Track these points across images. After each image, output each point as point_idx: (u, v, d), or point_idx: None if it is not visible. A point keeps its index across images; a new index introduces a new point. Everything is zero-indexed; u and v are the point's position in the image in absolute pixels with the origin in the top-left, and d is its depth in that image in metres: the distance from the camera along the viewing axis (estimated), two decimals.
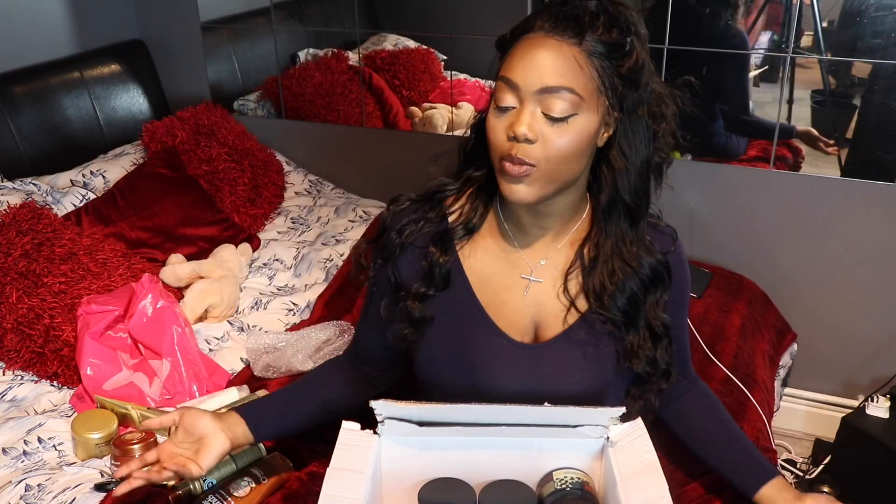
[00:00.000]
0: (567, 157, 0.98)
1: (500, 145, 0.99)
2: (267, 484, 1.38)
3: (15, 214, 1.84)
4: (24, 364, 1.72)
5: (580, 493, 0.91)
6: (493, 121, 1.00)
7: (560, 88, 0.95)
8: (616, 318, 1.08)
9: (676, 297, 1.15)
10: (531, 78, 0.96)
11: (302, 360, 1.76)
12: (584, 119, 0.97)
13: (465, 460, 0.94)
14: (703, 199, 2.24)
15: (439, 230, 1.12)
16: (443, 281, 1.11)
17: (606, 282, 1.07)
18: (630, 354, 1.08)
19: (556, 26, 0.97)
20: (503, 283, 1.12)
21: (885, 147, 2.01)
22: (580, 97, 0.96)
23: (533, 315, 1.11)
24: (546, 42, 0.96)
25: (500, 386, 1.08)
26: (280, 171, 2.60)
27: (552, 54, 0.96)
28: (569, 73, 0.95)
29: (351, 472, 0.87)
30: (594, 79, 0.97)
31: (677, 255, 1.15)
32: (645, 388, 1.11)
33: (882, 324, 2.15)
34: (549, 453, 0.95)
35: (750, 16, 2.10)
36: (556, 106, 0.96)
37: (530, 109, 0.97)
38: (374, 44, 2.59)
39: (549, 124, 0.97)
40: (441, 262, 1.10)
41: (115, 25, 2.61)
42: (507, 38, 1.02)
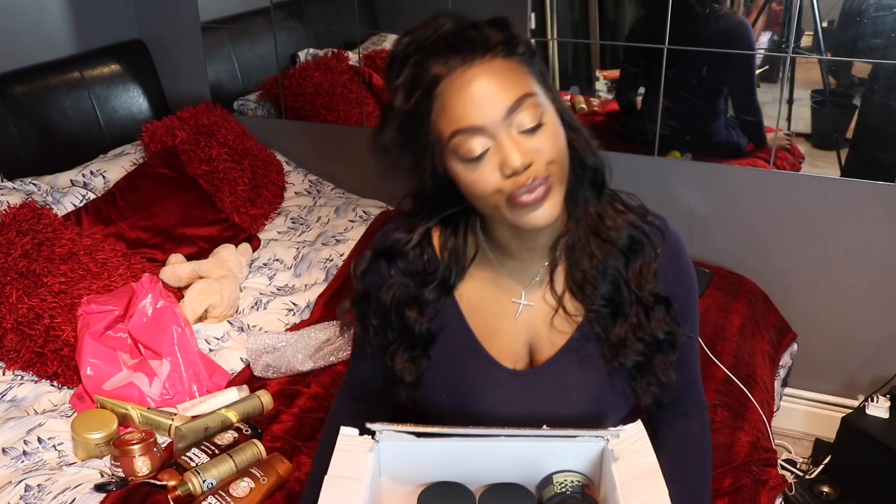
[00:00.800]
0: (562, 152, 0.95)
1: (499, 187, 0.93)
2: (267, 484, 1.39)
3: (15, 214, 1.84)
4: (24, 364, 1.72)
5: (580, 496, 0.91)
6: (473, 174, 0.93)
7: (521, 99, 0.91)
8: (602, 309, 1.04)
9: (679, 300, 1.07)
10: (490, 110, 0.90)
11: (302, 360, 1.77)
12: (549, 112, 0.95)
13: (464, 464, 0.94)
14: (703, 199, 2.24)
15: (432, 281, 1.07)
16: (427, 340, 1.08)
17: (588, 267, 1.03)
18: (618, 348, 1.03)
19: (462, 57, 0.91)
20: (493, 309, 1.09)
21: (885, 147, 2.01)
22: (535, 95, 0.93)
23: (526, 339, 1.08)
24: (470, 72, 0.91)
25: (496, 414, 1.06)
26: (280, 171, 2.60)
27: (488, 77, 0.91)
28: (513, 82, 0.92)
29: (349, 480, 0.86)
30: (529, 73, 0.95)
31: (671, 254, 1.07)
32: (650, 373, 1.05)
33: (882, 324, 2.15)
34: (548, 456, 0.94)
35: (750, 16, 2.10)
36: (527, 117, 0.91)
37: (507, 137, 0.91)
38: (374, 44, 2.59)
39: (530, 136, 0.92)
40: (420, 322, 1.06)
41: (115, 25, 2.61)
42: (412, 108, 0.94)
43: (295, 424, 1.60)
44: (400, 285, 1.07)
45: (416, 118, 0.94)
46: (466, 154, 0.92)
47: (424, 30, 0.94)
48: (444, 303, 1.08)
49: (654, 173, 2.25)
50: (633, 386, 1.07)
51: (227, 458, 1.43)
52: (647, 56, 2.16)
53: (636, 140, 2.26)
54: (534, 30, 2.27)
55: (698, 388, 1.19)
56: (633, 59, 2.24)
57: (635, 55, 2.22)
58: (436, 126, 0.94)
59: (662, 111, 2.18)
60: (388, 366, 1.11)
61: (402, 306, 1.07)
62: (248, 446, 1.47)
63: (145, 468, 1.44)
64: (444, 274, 1.08)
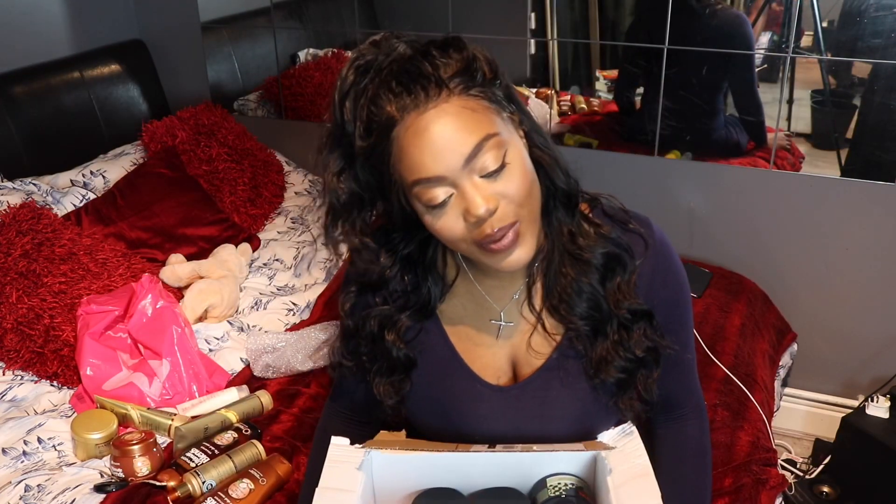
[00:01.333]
0: (530, 189, 0.91)
1: (466, 234, 0.90)
2: (266, 485, 1.39)
3: (15, 214, 1.84)
4: (24, 364, 1.72)
5: (575, 499, 0.90)
6: (438, 221, 0.90)
7: (480, 143, 0.86)
8: (581, 327, 1.02)
9: (668, 306, 1.05)
10: (448, 159, 0.86)
11: (302, 360, 1.77)
12: (514, 148, 0.90)
13: (457, 470, 0.93)
14: (703, 199, 2.24)
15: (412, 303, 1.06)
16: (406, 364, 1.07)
17: (563, 288, 1.01)
18: (599, 366, 1.01)
19: (413, 97, 0.86)
20: (474, 327, 1.07)
21: (885, 147, 2.01)
22: (497, 134, 0.88)
23: (509, 355, 1.07)
24: (425, 118, 0.86)
25: (481, 429, 1.05)
26: (280, 171, 2.60)
27: (444, 123, 0.86)
28: (471, 124, 0.86)
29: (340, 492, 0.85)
30: (489, 108, 0.89)
31: (657, 258, 1.04)
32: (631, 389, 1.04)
33: (882, 324, 2.15)
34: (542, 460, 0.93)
35: (750, 16, 2.10)
36: (489, 160, 0.87)
37: (469, 184, 0.87)
38: None
39: (493, 179, 0.88)
40: (399, 347, 1.05)
41: (115, 25, 2.61)
42: (366, 150, 0.91)
43: (295, 424, 1.60)
44: (380, 310, 1.06)
45: (376, 157, 0.91)
46: (428, 202, 0.89)
47: (377, 54, 0.90)
48: (426, 323, 1.07)
49: (654, 173, 2.25)
50: (616, 402, 1.05)
51: (226, 459, 1.43)
52: (646, 56, 2.16)
53: (636, 140, 2.26)
54: (534, 30, 2.27)
55: (696, 391, 1.17)
56: (632, 59, 2.24)
57: (634, 55, 2.22)
58: (396, 169, 0.90)
59: (662, 111, 2.18)
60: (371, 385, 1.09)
61: (381, 330, 1.06)
62: (247, 447, 1.47)
63: (145, 468, 1.44)
64: (425, 297, 1.06)
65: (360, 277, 1.07)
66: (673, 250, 1.07)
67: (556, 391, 1.04)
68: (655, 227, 1.06)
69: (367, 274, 1.05)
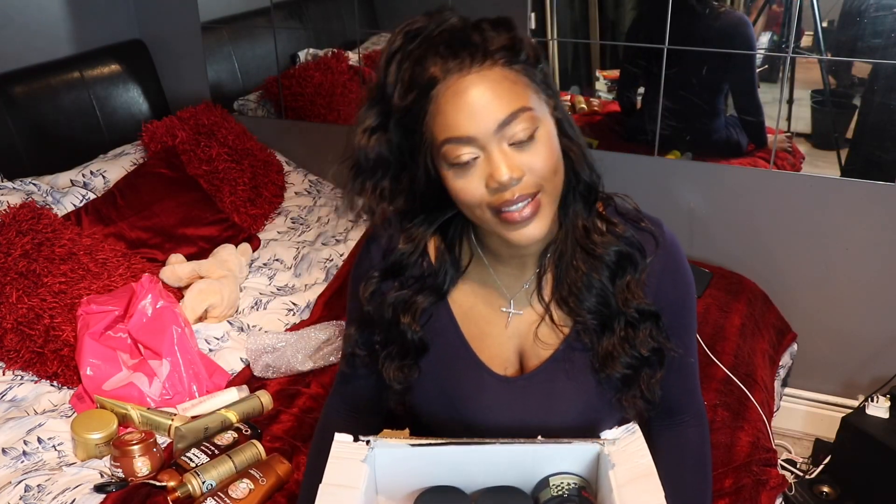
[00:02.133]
0: (555, 168, 0.93)
1: (486, 200, 0.92)
2: (266, 485, 1.39)
3: (15, 214, 1.84)
4: (24, 364, 1.72)
5: (578, 498, 0.90)
6: (460, 182, 0.92)
7: (515, 113, 0.89)
8: (588, 321, 1.02)
9: (674, 307, 1.06)
10: (482, 122, 0.88)
11: (302, 360, 1.77)
12: (544, 127, 0.92)
13: (459, 468, 0.93)
14: (703, 199, 2.24)
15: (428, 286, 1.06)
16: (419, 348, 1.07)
17: (573, 281, 1.02)
18: (605, 361, 1.02)
19: (459, 61, 0.89)
20: (484, 315, 1.08)
21: (885, 147, 2.01)
22: (531, 109, 0.90)
23: (517, 346, 1.08)
24: (466, 80, 0.89)
25: (486, 420, 1.05)
26: (280, 171, 2.60)
27: (484, 88, 0.89)
28: (509, 94, 0.89)
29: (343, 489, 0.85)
30: (528, 84, 0.92)
31: (667, 259, 1.05)
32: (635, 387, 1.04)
33: (882, 324, 2.15)
34: (544, 460, 0.93)
35: (750, 16, 2.10)
36: (519, 131, 0.89)
37: (497, 150, 0.89)
38: (374, 44, 2.59)
39: (521, 150, 0.90)
40: (414, 330, 1.06)
41: (115, 25, 2.61)
42: (407, 107, 0.92)
43: (295, 424, 1.60)
44: (397, 295, 1.07)
45: (411, 117, 0.93)
46: (455, 160, 0.91)
47: (428, 23, 0.92)
48: (437, 309, 1.08)
49: (654, 173, 2.25)
50: (619, 398, 1.05)
51: (226, 459, 1.43)
52: (646, 56, 2.16)
53: (636, 140, 2.26)
54: (534, 29, 2.27)
55: (697, 396, 1.17)
56: (633, 59, 2.24)
57: (634, 55, 2.22)
58: (429, 128, 0.92)
59: (662, 111, 2.18)
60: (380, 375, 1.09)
61: (397, 313, 1.06)
62: (247, 447, 1.47)
63: (145, 468, 1.44)
64: (440, 279, 1.07)
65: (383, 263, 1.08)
66: (683, 253, 1.08)
67: (561, 383, 1.05)
68: (666, 228, 1.07)
69: (389, 256, 1.06)
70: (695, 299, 1.11)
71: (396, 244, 1.06)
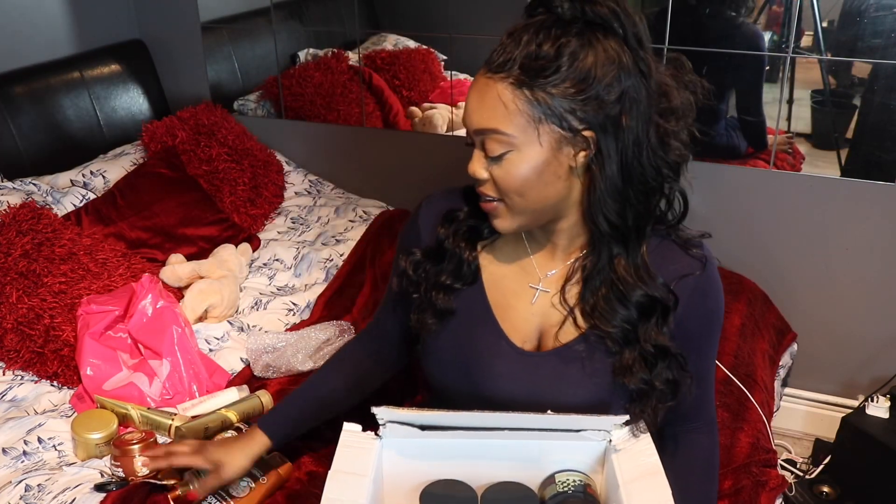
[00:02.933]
0: (519, 190, 0.97)
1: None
2: (266, 484, 1.38)
3: (15, 214, 1.84)
4: (24, 364, 1.72)
5: (582, 495, 0.91)
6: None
7: (486, 131, 0.96)
8: (613, 334, 1.04)
9: (699, 330, 1.08)
10: (467, 121, 0.99)
11: (302, 360, 1.77)
12: (521, 155, 0.95)
13: (466, 463, 0.94)
14: (703, 199, 2.24)
15: (469, 225, 1.13)
16: (472, 275, 1.12)
17: (600, 300, 1.04)
18: (624, 371, 1.03)
19: (489, 61, 0.97)
20: (513, 287, 1.11)
21: (885, 147, 2.01)
22: (506, 134, 0.95)
23: (538, 324, 1.10)
24: (478, 82, 0.97)
25: (497, 388, 1.07)
26: (280, 171, 2.60)
27: (477, 94, 0.97)
28: (492, 113, 0.95)
29: (352, 476, 0.86)
30: (523, 112, 0.93)
31: (703, 282, 1.06)
32: (644, 405, 1.05)
33: (882, 324, 2.15)
34: (551, 456, 0.94)
35: (750, 16, 2.10)
36: (490, 146, 0.97)
37: (478, 148, 1.00)
38: (374, 44, 2.59)
39: (491, 163, 0.99)
40: (469, 259, 1.11)
41: (115, 25, 2.61)
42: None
43: None
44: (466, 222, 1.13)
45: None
46: (466, 139, 1.03)
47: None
48: (475, 258, 1.13)
49: None
50: (628, 408, 1.06)
51: None
52: None
53: None
54: None
55: (711, 404, 1.18)
56: None
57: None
58: None
59: None
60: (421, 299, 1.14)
61: (458, 239, 1.12)
62: None
63: (145, 468, 1.44)
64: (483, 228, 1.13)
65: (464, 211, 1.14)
66: (717, 276, 1.09)
67: (575, 370, 1.06)
68: (708, 250, 1.09)
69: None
70: (721, 320, 1.12)
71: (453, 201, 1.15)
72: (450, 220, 1.14)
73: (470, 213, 1.13)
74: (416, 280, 1.14)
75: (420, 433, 0.92)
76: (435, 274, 1.12)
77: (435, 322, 1.12)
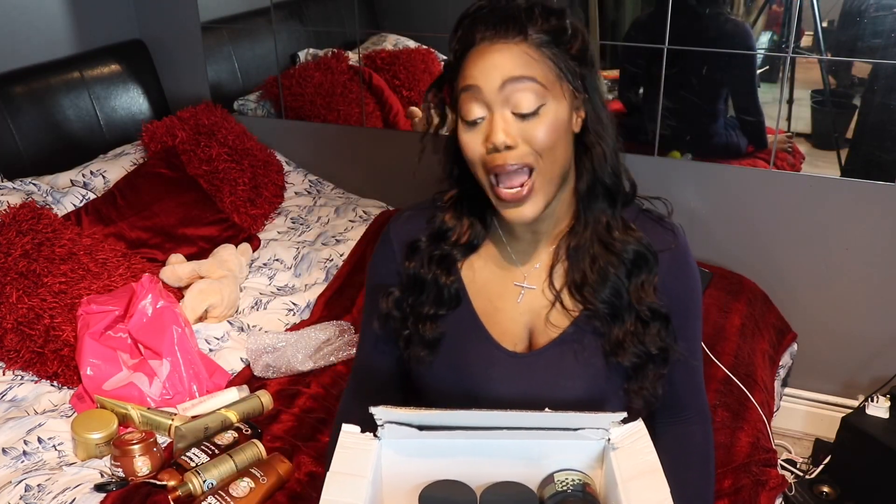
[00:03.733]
0: (551, 147, 0.97)
1: (482, 160, 0.98)
2: (266, 484, 1.39)
3: (15, 214, 1.84)
4: (24, 364, 1.72)
5: (581, 494, 0.91)
6: (465, 136, 0.99)
7: (522, 78, 0.94)
8: (601, 310, 1.05)
9: (679, 305, 1.09)
10: (492, 76, 0.95)
11: (302, 360, 1.77)
12: (553, 107, 0.96)
13: (465, 463, 0.94)
14: (703, 199, 2.24)
15: (441, 252, 1.10)
16: (454, 299, 1.10)
17: (588, 270, 1.05)
18: (616, 348, 1.05)
19: (497, 32, 0.96)
20: (497, 290, 1.11)
21: (885, 147, 2.01)
22: (543, 86, 0.95)
23: (527, 322, 1.10)
24: (494, 47, 0.96)
25: (494, 394, 1.07)
26: (280, 171, 2.60)
27: (505, 53, 0.95)
28: (526, 64, 0.95)
29: (351, 477, 0.86)
30: (551, 67, 0.96)
31: (678, 255, 1.09)
32: (643, 379, 1.06)
33: (882, 324, 2.15)
34: (549, 455, 0.94)
35: (750, 16, 2.10)
36: (523, 101, 0.95)
37: (500, 114, 0.96)
38: (374, 44, 2.59)
39: (522, 121, 0.96)
40: (448, 283, 1.09)
41: (115, 25, 2.61)
42: (452, 63, 1.01)
43: (295, 424, 1.60)
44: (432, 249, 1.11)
45: (453, 72, 1.01)
46: (465, 115, 0.98)
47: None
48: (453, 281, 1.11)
49: (654, 173, 2.25)
50: (626, 388, 1.07)
51: (227, 459, 1.43)
52: (647, 56, 2.16)
53: (636, 140, 2.26)
54: None
55: (701, 394, 1.18)
56: (633, 59, 2.24)
57: (634, 55, 2.22)
58: (458, 82, 0.99)
59: (662, 111, 2.18)
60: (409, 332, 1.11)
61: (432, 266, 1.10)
62: (248, 446, 1.47)
63: (145, 468, 1.44)
64: (471, 232, 1.10)
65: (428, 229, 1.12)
66: (691, 255, 1.12)
67: (570, 363, 1.06)
68: (682, 232, 1.11)
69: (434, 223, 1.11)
70: (700, 298, 1.14)
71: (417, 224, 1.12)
72: (413, 250, 1.11)
73: (430, 240, 1.10)
74: (401, 316, 1.12)
75: (418, 433, 0.91)
76: (417, 306, 1.10)
77: (427, 353, 1.10)
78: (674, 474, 0.92)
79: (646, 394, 1.07)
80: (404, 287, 1.12)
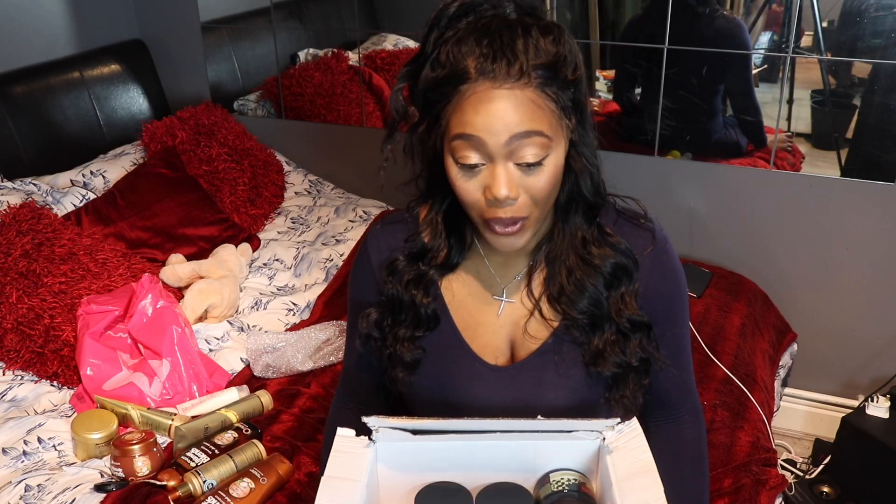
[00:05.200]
0: (550, 194, 0.95)
1: (481, 208, 0.94)
2: (267, 484, 1.39)
3: (15, 214, 1.84)
4: (24, 364, 1.72)
5: (577, 494, 0.91)
6: (461, 180, 0.94)
7: (529, 133, 0.89)
8: (580, 320, 1.03)
9: (665, 303, 1.07)
10: (497, 130, 0.89)
11: (302, 360, 1.77)
12: (554, 155, 0.93)
13: (461, 465, 0.93)
14: (703, 199, 2.24)
15: (419, 272, 1.08)
16: (432, 319, 1.08)
17: (565, 282, 1.03)
18: (596, 358, 1.03)
19: (496, 65, 0.88)
20: (477, 304, 1.09)
21: (885, 147, 2.01)
22: (549, 137, 0.91)
23: (508, 334, 1.09)
24: (497, 93, 0.88)
25: (478, 407, 1.06)
26: (280, 171, 2.60)
27: (510, 104, 0.88)
28: (532, 116, 0.89)
29: (345, 481, 0.86)
30: (554, 111, 0.91)
31: (658, 253, 1.06)
32: (623, 388, 1.05)
33: (882, 324, 2.15)
34: (545, 455, 0.94)
35: (750, 16, 2.10)
36: (528, 153, 0.90)
37: (502, 165, 0.90)
38: (374, 44, 2.59)
39: (525, 172, 0.91)
40: (425, 304, 1.06)
41: (115, 25, 2.61)
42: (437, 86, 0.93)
43: (295, 424, 1.60)
44: (409, 269, 1.08)
45: (435, 93, 0.94)
46: (461, 159, 0.92)
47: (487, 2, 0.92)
48: (433, 296, 1.09)
49: (654, 173, 2.25)
50: (607, 397, 1.06)
51: (227, 459, 1.43)
52: (645, 55, 2.16)
53: (636, 140, 2.26)
54: None
55: (692, 391, 1.17)
56: (630, 59, 2.24)
57: (632, 54, 2.22)
58: (447, 115, 0.93)
59: (662, 111, 2.18)
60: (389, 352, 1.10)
61: (409, 288, 1.07)
62: (248, 446, 1.47)
63: (145, 468, 1.44)
64: (449, 252, 1.08)
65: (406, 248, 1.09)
66: (673, 250, 1.10)
67: (551, 374, 1.05)
68: (659, 227, 1.08)
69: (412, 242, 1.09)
70: (685, 293, 1.12)
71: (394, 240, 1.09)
72: (391, 271, 1.09)
73: (409, 260, 1.08)
74: (381, 336, 1.10)
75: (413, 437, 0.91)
76: (395, 326, 1.09)
77: (407, 374, 1.09)
78: (667, 473, 0.92)
79: (626, 402, 1.06)
80: (382, 307, 1.10)
